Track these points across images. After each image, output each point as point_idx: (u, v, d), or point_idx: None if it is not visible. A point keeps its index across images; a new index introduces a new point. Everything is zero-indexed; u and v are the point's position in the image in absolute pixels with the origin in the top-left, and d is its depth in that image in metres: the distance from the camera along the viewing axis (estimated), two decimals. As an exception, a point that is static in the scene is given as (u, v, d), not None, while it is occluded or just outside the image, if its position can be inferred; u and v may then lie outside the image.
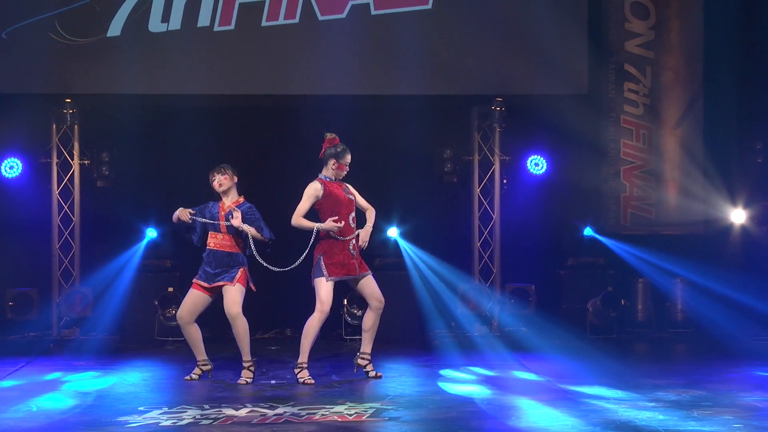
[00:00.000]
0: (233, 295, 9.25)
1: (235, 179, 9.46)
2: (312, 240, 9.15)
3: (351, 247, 9.24)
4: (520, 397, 8.50)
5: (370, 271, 9.40)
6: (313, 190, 9.21)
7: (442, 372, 10.03)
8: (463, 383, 9.38)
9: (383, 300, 9.40)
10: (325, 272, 9.15)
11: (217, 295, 9.37)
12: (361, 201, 9.48)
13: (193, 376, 9.51)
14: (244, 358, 9.38)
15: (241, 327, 9.31)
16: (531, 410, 7.91)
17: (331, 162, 9.29)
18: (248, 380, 9.27)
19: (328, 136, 9.37)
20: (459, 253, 13.14)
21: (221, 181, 9.38)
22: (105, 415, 7.76)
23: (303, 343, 9.27)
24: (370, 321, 9.44)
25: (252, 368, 9.38)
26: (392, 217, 13.08)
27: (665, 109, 13.68)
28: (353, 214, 9.33)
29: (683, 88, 13.65)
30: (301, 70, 13.15)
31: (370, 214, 9.46)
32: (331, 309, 9.30)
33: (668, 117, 13.68)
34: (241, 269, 9.31)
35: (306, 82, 13.19)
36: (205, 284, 9.33)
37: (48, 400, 8.46)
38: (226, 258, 9.32)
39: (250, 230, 9.27)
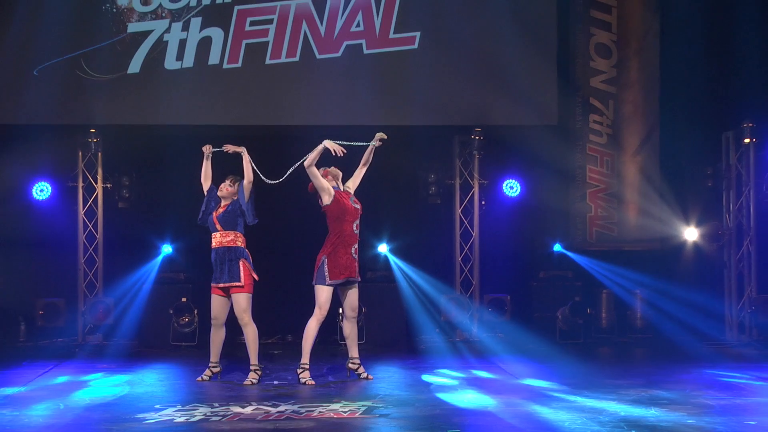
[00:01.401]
0: (242, 303, 9.23)
1: (235, 196, 9.42)
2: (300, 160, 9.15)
3: (353, 251, 9.24)
4: (498, 395, 8.50)
5: (359, 280, 9.40)
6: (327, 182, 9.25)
7: (427, 374, 10.01)
8: (445, 383, 9.36)
9: (357, 310, 9.42)
10: (327, 276, 9.13)
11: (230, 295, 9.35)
12: (356, 179, 9.49)
13: (204, 378, 9.49)
14: (251, 362, 9.34)
15: (251, 333, 9.30)
16: (507, 407, 7.91)
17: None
18: (253, 381, 9.23)
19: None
20: (442, 267, 13.15)
21: (227, 187, 9.39)
22: (125, 412, 7.74)
23: (304, 345, 9.25)
24: (347, 329, 9.47)
25: (258, 372, 9.34)
26: (382, 235, 13.12)
27: (626, 138, 13.73)
28: (357, 221, 9.30)
29: (642, 119, 13.72)
30: (301, 102, 13.18)
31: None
32: (328, 315, 9.30)
33: (629, 145, 13.74)
34: (242, 263, 9.24)
35: (306, 114, 13.21)
36: (216, 284, 9.32)
37: (73, 399, 8.44)
38: (228, 253, 9.26)
39: (244, 155, 9.35)
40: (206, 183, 9.53)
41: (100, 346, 12.29)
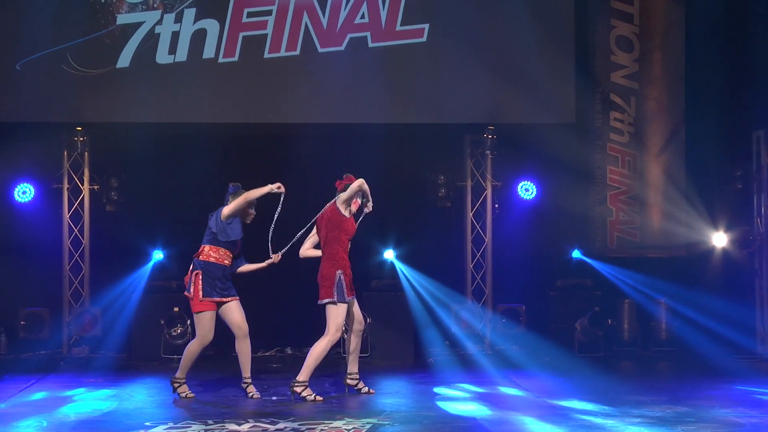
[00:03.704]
0: (242, 313, 9.23)
1: None
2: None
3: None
4: (511, 412, 8.47)
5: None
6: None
7: (437, 389, 10.00)
8: (456, 400, 9.34)
9: (363, 322, 9.41)
10: (345, 293, 9.05)
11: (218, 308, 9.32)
12: None
13: (189, 395, 9.34)
14: (244, 375, 9.32)
15: (248, 345, 9.28)
16: (521, 425, 7.87)
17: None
18: (257, 394, 9.25)
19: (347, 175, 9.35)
20: (452, 275, 13.13)
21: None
22: (112, 430, 7.71)
23: (308, 362, 9.10)
24: (353, 344, 9.40)
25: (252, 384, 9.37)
26: (388, 240, 13.09)
27: (649, 137, 13.69)
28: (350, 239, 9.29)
29: (666, 117, 13.68)
30: (301, 99, 13.17)
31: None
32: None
33: (652, 145, 13.69)
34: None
35: (306, 111, 13.21)
36: (217, 299, 9.22)
37: (58, 416, 8.41)
38: (228, 270, 9.27)
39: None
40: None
41: (87, 359, 12.28)
